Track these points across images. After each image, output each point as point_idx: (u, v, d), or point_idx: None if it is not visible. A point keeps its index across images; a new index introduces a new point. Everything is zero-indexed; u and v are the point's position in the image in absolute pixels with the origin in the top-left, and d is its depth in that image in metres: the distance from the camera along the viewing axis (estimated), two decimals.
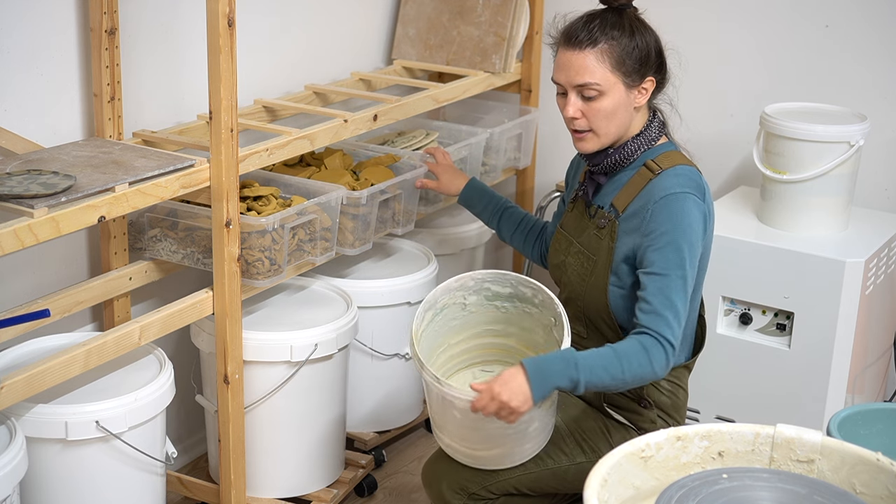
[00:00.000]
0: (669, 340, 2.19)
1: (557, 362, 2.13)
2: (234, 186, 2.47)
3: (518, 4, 3.41)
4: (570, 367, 2.13)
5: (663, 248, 2.23)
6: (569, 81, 2.28)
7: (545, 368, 2.12)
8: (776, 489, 1.65)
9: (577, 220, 2.43)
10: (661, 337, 2.19)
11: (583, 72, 2.26)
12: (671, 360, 2.20)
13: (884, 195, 3.30)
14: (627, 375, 2.16)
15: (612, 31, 2.26)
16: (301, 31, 3.23)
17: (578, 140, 2.33)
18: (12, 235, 2.06)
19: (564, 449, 2.36)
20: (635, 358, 2.16)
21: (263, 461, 2.83)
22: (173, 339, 2.94)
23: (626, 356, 2.16)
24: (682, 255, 2.22)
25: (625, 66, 2.26)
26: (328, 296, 2.99)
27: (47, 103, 2.55)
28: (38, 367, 2.22)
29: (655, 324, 2.19)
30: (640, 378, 2.18)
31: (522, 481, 2.34)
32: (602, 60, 2.25)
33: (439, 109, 3.65)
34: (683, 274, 2.22)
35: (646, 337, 2.19)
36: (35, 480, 2.36)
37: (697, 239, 2.25)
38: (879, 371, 3.24)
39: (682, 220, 2.23)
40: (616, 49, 2.25)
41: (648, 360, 2.17)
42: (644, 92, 2.31)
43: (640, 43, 2.28)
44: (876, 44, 3.23)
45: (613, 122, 2.29)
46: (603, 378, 2.15)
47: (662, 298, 2.20)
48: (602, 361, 2.15)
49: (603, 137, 2.31)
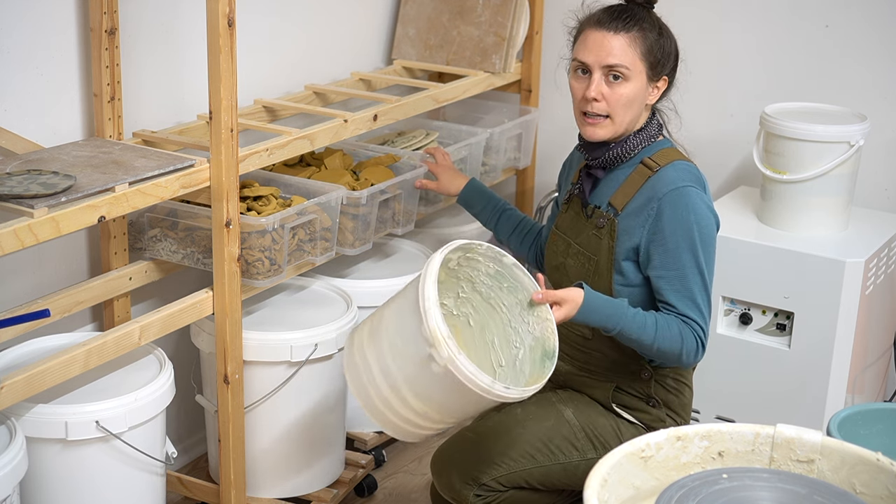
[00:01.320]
0: (702, 340, 2.27)
1: (612, 306, 2.23)
2: (234, 186, 2.47)
3: (518, 4, 3.41)
4: (618, 316, 2.22)
5: (675, 248, 2.24)
6: (598, 61, 2.30)
7: (598, 302, 2.22)
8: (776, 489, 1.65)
9: (574, 221, 2.43)
10: (696, 334, 2.26)
11: (615, 52, 2.29)
12: (699, 356, 2.28)
13: (884, 195, 3.30)
14: (656, 348, 2.25)
15: (642, 23, 2.31)
16: (301, 31, 3.23)
17: (590, 125, 2.33)
18: (12, 235, 2.06)
19: (576, 444, 2.37)
20: (669, 340, 2.24)
21: (263, 461, 2.83)
22: (173, 339, 2.94)
23: (662, 334, 2.24)
24: (696, 253, 2.25)
25: (651, 56, 2.30)
26: (328, 296, 2.99)
27: (47, 103, 2.55)
28: (38, 367, 2.22)
29: (689, 323, 2.26)
30: (666, 356, 2.26)
31: (533, 475, 2.34)
32: (634, 46, 2.29)
33: (439, 109, 3.65)
34: (700, 272, 2.26)
35: (686, 328, 2.26)
36: (35, 480, 2.36)
37: (711, 231, 2.28)
38: (879, 371, 3.24)
39: (690, 216, 2.25)
40: (647, 39, 2.30)
41: (680, 348, 2.25)
42: (657, 91, 2.35)
43: (666, 41, 2.34)
44: (876, 44, 3.23)
45: (629, 112, 2.32)
46: (634, 338, 2.24)
47: (685, 300, 2.25)
48: (643, 324, 2.23)
49: (618, 126, 2.32)
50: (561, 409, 2.41)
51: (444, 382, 2.06)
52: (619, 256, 2.31)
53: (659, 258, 2.26)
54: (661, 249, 2.26)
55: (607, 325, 2.23)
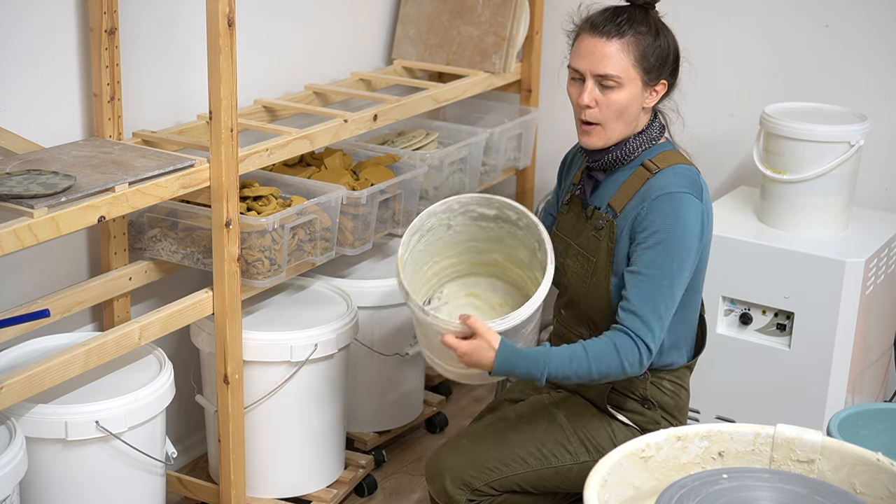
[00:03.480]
0: (647, 344, 2.21)
1: (529, 361, 2.20)
2: (234, 186, 2.47)
3: (518, 4, 3.41)
4: (539, 368, 2.20)
5: (653, 248, 2.22)
6: (590, 69, 2.28)
7: (514, 362, 2.20)
8: (776, 489, 1.65)
9: (574, 222, 2.42)
10: (637, 338, 2.21)
11: (606, 60, 2.26)
12: (645, 362, 2.22)
13: (884, 195, 3.30)
14: (595, 375, 2.22)
15: (638, 27, 2.27)
16: (301, 31, 3.23)
17: (585, 134, 2.33)
18: (12, 235, 2.06)
19: (569, 448, 2.36)
20: (605, 359, 2.20)
21: (263, 461, 2.83)
22: (173, 339, 2.94)
23: (595, 358, 2.20)
24: (673, 259, 2.22)
25: (646, 62, 2.27)
26: (328, 296, 2.99)
27: (47, 103, 2.55)
28: (38, 367, 2.22)
29: (635, 325, 2.21)
30: (609, 377, 2.23)
31: (526, 479, 2.34)
32: (626, 53, 2.26)
33: (439, 109, 3.65)
34: (671, 279, 2.22)
35: (621, 336, 2.21)
36: (35, 480, 2.36)
37: (693, 243, 2.24)
38: (879, 371, 3.24)
39: (677, 223, 2.22)
40: (641, 44, 2.26)
41: (619, 361, 2.20)
42: (655, 94, 2.32)
43: (663, 43, 2.29)
44: (876, 44, 3.23)
45: (623, 119, 2.29)
46: (570, 378, 2.22)
47: (646, 301, 2.21)
48: (572, 364, 2.20)
49: (610, 133, 2.31)
50: (554, 413, 2.41)
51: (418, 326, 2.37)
52: (618, 258, 2.30)
53: (636, 256, 2.25)
54: (640, 248, 2.24)
55: (533, 374, 2.20)
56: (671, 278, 2.22)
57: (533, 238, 2.38)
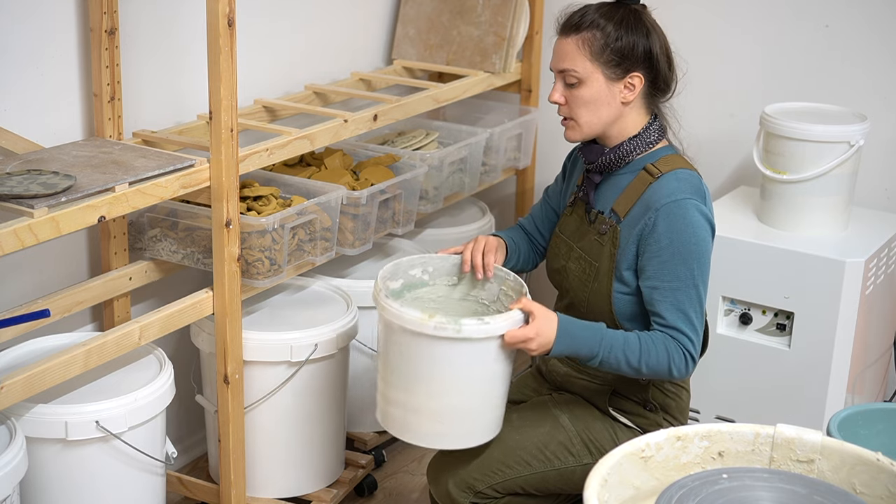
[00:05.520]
0: (692, 354, 2.24)
1: (589, 332, 2.20)
2: (234, 186, 2.47)
3: (518, 4, 3.41)
4: (597, 340, 2.20)
5: (671, 261, 2.23)
6: (555, 66, 2.33)
7: (574, 332, 2.20)
8: (776, 489, 1.65)
9: (577, 225, 2.42)
10: (684, 349, 2.24)
11: (564, 57, 2.30)
12: (691, 370, 2.25)
13: (884, 195, 3.30)
14: (643, 368, 2.22)
15: (599, 21, 2.27)
16: (301, 31, 3.23)
17: (565, 128, 2.36)
18: (12, 235, 2.06)
19: (572, 450, 2.36)
20: (656, 356, 2.22)
21: (263, 461, 2.83)
22: (173, 339, 2.94)
23: (647, 351, 2.22)
24: (692, 267, 2.22)
25: (603, 56, 2.27)
26: (328, 296, 2.99)
27: (47, 103, 2.55)
28: (38, 367, 2.22)
29: (678, 337, 2.24)
30: (655, 375, 2.24)
31: (529, 481, 2.34)
32: (583, 48, 2.27)
33: (439, 109, 3.65)
34: (695, 285, 2.23)
35: (672, 341, 2.23)
36: (35, 480, 2.36)
37: (707, 247, 2.25)
38: (879, 371, 3.24)
39: (687, 230, 2.22)
40: (598, 39, 2.26)
41: (668, 364, 2.23)
42: (631, 87, 2.29)
43: (625, 36, 2.27)
44: (876, 44, 3.24)
45: (595, 114, 2.30)
46: (620, 362, 2.22)
47: (678, 314, 2.23)
48: (625, 349, 2.21)
49: (585, 127, 2.32)
50: (557, 415, 2.41)
51: (400, 346, 2.21)
52: (621, 264, 2.30)
53: (652, 269, 2.25)
54: (655, 261, 2.24)
55: (592, 347, 2.20)
56: (695, 286, 2.24)
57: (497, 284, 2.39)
